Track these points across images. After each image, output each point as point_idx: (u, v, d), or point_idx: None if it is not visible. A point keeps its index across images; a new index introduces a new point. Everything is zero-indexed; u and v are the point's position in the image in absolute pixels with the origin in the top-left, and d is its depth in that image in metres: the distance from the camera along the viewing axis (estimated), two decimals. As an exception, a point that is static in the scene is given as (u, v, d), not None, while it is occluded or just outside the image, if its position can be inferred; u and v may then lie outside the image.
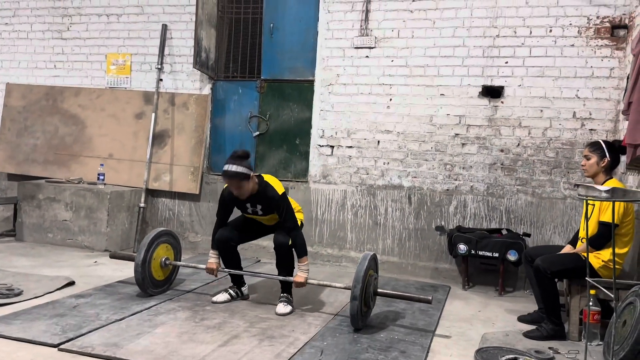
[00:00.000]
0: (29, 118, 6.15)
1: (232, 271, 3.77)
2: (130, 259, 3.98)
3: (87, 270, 4.46)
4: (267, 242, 5.30)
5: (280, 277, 3.64)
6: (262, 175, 3.65)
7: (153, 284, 3.80)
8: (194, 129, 5.63)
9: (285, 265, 3.65)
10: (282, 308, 3.58)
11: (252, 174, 3.47)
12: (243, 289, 3.89)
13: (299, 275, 3.55)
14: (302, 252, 3.57)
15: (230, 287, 3.85)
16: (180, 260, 4.09)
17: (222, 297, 3.76)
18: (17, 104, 6.22)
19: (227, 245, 3.73)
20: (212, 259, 3.76)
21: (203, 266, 3.83)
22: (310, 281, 3.60)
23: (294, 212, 3.63)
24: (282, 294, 3.70)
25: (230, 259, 3.79)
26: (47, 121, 6.08)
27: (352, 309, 3.23)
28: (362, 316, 3.29)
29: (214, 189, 5.59)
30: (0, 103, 6.30)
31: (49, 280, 3.97)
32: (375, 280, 3.51)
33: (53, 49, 6.24)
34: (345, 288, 3.54)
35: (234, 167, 3.39)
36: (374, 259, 3.50)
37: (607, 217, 3.25)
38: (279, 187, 3.59)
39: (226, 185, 3.59)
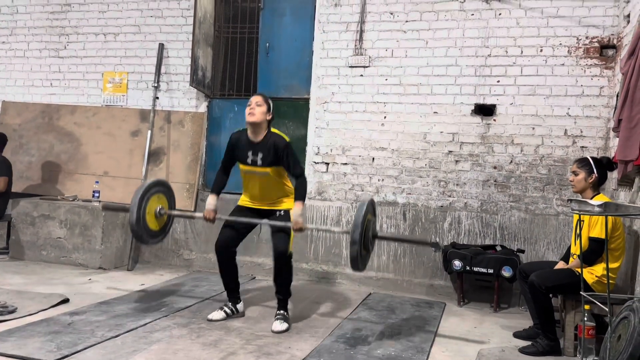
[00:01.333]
0: (24, 136, 6.15)
1: (226, 217, 3.73)
2: (123, 210, 4.07)
3: (82, 287, 4.44)
4: (262, 259, 5.31)
5: (279, 223, 3.58)
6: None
7: (150, 235, 3.83)
8: (189, 146, 5.65)
9: (282, 281, 3.65)
10: (279, 325, 3.57)
11: (271, 113, 3.67)
12: (238, 306, 3.88)
13: (296, 222, 3.51)
14: (301, 198, 3.57)
15: (225, 305, 3.84)
16: (174, 208, 4.09)
17: (218, 314, 3.75)
18: (13, 122, 6.23)
19: (227, 252, 3.73)
20: (210, 206, 3.74)
21: (200, 215, 3.82)
22: (309, 225, 3.63)
23: (299, 160, 3.68)
24: (278, 311, 3.69)
25: (229, 269, 3.78)
26: (42, 139, 6.09)
27: (352, 252, 3.21)
28: (361, 259, 3.30)
29: (209, 206, 5.59)
30: (-4, 121, 6.32)
31: (43, 298, 3.94)
32: (374, 225, 3.52)
33: (50, 67, 6.28)
34: (344, 232, 3.66)
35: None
36: (372, 203, 3.48)
37: (596, 233, 3.29)
38: (285, 137, 3.68)
39: (235, 131, 3.80)
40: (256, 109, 3.58)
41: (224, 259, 3.76)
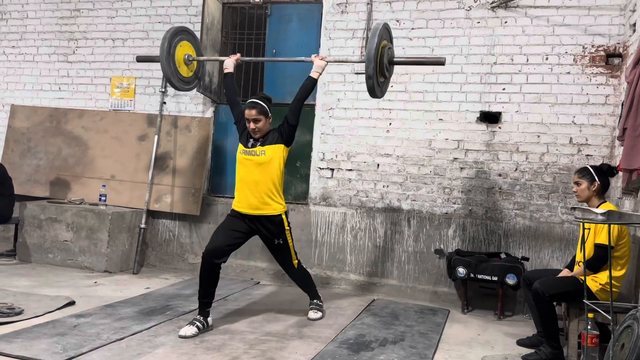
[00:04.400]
0: (32, 139, 6.21)
1: (251, 59, 4.20)
2: (154, 60, 4.29)
3: (87, 290, 4.47)
4: (266, 264, 5.32)
5: (298, 59, 4.23)
6: None
7: (182, 80, 4.10)
8: (195, 151, 5.69)
9: (304, 285, 4.11)
10: (313, 314, 4.00)
11: (270, 116, 3.81)
12: (209, 319, 3.63)
13: (315, 70, 3.92)
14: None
15: (196, 319, 3.54)
16: (201, 58, 4.36)
17: (191, 330, 3.44)
18: (21, 125, 6.29)
19: (213, 263, 3.53)
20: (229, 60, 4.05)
21: (224, 58, 4.15)
22: (328, 58, 4.13)
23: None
24: (311, 301, 4.09)
25: (211, 281, 3.60)
26: (50, 142, 6.14)
27: (368, 85, 3.40)
28: (379, 87, 3.51)
29: (215, 211, 5.62)
30: (5, 124, 6.38)
31: (50, 300, 3.98)
32: (390, 50, 3.57)
33: (58, 72, 6.35)
34: (359, 62, 3.79)
35: (255, 99, 3.79)
36: (386, 28, 3.53)
37: (601, 239, 3.29)
38: None
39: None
40: (257, 126, 3.75)
41: (207, 270, 3.55)
